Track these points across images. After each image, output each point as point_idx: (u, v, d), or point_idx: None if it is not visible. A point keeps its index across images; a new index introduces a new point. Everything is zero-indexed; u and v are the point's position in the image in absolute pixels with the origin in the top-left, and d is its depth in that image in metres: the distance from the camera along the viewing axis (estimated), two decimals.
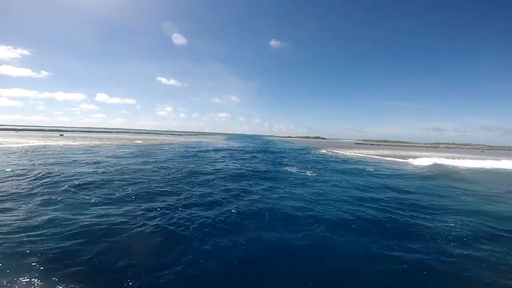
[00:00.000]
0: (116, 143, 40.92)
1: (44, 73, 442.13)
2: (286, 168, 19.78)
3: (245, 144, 59.60)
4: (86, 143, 38.04)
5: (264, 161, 24.06)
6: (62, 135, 67.26)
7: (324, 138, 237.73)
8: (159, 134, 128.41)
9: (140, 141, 48.48)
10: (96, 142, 40.06)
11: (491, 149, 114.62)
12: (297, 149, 47.04)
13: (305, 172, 17.91)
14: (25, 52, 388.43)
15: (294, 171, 18.19)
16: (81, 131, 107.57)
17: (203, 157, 23.64)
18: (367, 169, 19.74)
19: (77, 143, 37.54)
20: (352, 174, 17.47)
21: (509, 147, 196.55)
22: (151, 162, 18.94)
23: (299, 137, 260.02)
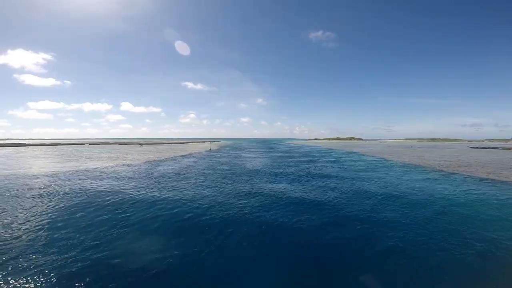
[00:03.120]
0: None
1: (68, 82, 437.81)
2: None
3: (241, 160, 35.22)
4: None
5: None
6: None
7: (360, 139, 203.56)
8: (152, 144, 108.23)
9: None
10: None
11: None
12: (365, 164, 22.56)
13: None
14: (48, 56, 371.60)
15: None
16: (89, 144, 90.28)
17: None
18: None
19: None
20: None
21: None
22: None
23: (327, 139, 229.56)
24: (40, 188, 12.59)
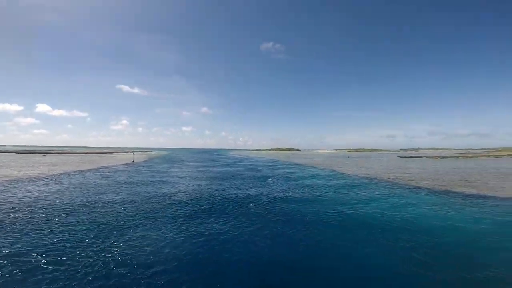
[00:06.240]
0: None
1: None
2: None
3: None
4: None
5: None
6: None
7: (298, 149, 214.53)
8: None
9: None
10: None
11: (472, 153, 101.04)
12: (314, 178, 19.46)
13: None
14: None
15: None
16: None
17: None
18: None
19: None
20: None
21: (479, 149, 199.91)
22: None
23: (268, 150, 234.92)
24: None
